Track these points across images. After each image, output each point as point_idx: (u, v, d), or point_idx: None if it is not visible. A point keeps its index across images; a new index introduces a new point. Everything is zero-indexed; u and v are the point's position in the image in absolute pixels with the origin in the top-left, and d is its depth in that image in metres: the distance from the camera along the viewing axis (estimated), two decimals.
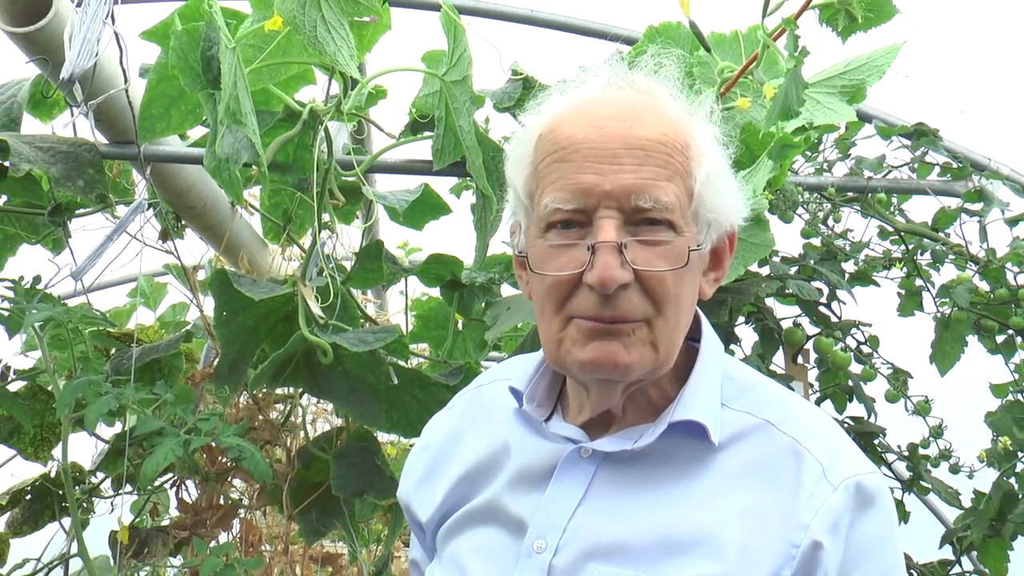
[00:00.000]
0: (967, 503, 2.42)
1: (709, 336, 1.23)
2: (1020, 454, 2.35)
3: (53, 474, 2.51)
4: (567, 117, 1.15)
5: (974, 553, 2.41)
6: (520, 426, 1.24)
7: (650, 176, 1.09)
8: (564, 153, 1.11)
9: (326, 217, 2.11)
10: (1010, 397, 2.41)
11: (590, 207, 1.09)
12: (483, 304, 2.53)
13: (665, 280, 1.09)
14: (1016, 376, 2.42)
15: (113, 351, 2.44)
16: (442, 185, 2.47)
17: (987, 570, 2.41)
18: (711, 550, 1.08)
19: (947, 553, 2.44)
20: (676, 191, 1.10)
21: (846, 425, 2.33)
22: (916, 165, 2.38)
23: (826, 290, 2.32)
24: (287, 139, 2.03)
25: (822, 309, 2.33)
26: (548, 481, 1.18)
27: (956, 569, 2.41)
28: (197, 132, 2.27)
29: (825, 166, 2.39)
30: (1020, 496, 2.30)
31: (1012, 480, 2.34)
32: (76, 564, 2.45)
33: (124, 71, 1.94)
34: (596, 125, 1.11)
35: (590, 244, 1.08)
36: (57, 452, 2.40)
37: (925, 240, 2.40)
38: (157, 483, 2.62)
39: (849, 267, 2.36)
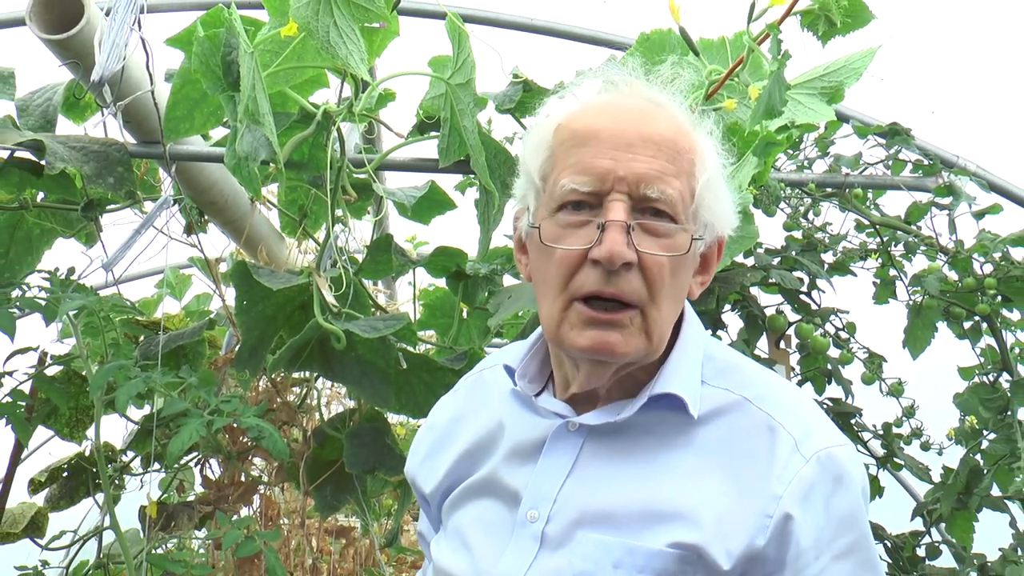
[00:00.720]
0: (937, 478, 2.42)
1: (691, 319, 1.22)
2: (985, 432, 2.35)
3: (87, 453, 2.52)
4: (587, 109, 1.16)
5: (943, 524, 2.40)
6: (515, 404, 1.24)
7: (660, 169, 1.09)
8: (583, 139, 1.12)
9: (339, 212, 2.09)
10: (976, 379, 2.41)
11: (604, 190, 1.09)
12: (486, 294, 2.53)
13: (664, 267, 1.09)
14: (982, 360, 2.42)
15: (142, 338, 2.44)
16: (447, 182, 2.46)
17: (954, 540, 2.41)
18: (690, 519, 1.08)
19: (918, 525, 2.44)
20: (681, 187, 1.10)
21: (825, 406, 2.33)
22: (890, 162, 2.38)
23: (807, 279, 2.32)
24: (302, 139, 2.03)
25: (803, 297, 2.33)
26: (539, 455, 1.18)
27: (926, 539, 2.41)
28: (218, 132, 2.26)
29: (806, 163, 2.38)
30: (985, 471, 2.30)
31: (978, 456, 2.34)
32: (109, 536, 2.46)
33: (150, 75, 1.93)
34: (614, 117, 1.12)
35: (600, 223, 1.08)
36: (91, 433, 2.41)
37: (898, 232, 2.40)
38: (183, 461, 2.63)
39: (828, 258, 2.36)
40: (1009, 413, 2.30)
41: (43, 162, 2.00)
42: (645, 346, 1.11)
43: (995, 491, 2.33)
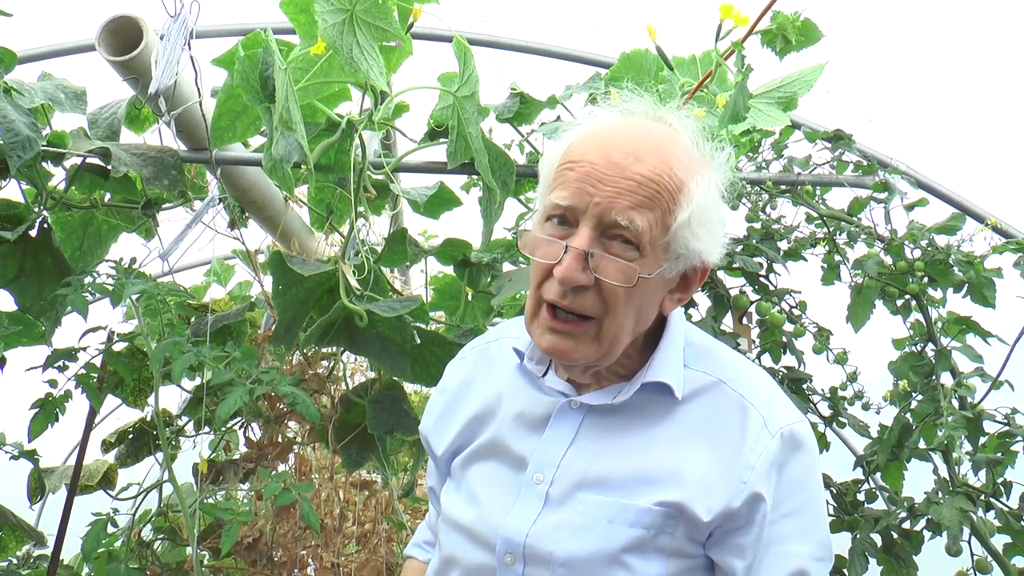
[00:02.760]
0: (874, 434, 2.39)
1: (674, 313, 1.19)
2: (914, 394, 2.32)
3: (149, 418, 2.51)
4: (591, 136, 1.11)
5: (879, 473, 2.39)
6: (521, 379, 1.23)
7: (633, 203, 1.04)
8: (574, 165, 1.08)
9: (361, 209, 2.06)
10: (907, 349, 2.38)
11: (579, 210, 1.06)
12: (489, 279, 2.49)
13: (617, 291, 1.06)
14: (912, 332, 2.39)
15: (193, 319, 2.42)
16: (455, 183, 2.43)
17: (888, 486, 2.39)
18: (676, 482, 1.09)
19: (858, 474, 2.42)
20: (652, 221, 1.05)
21: (780, 374, 2.30)
22: (835, 163, 2.36)
23: (765, 264, 2.30)
24: (329, 144, 1.98)
25: (762, 279, 2.31)
26: (544, 426, 1.17)
27: (865, 486, 2.39)
28: (257, 141, 2.22)
29: (764, 164, 2.36)
30: (914, 427, 2.28)
31: (908, 415, 2.31)
32: (168, 489, 2.44)
33: (198, 89, 1.90)
34: (606, 153, 1.06)
35: (566, 245, 1.06)
36: (151, 400, 2.39)
37: (842, 223, 2.37)
38: (229, 425, 2.60)
39: (783, 245, 2.33)
40: (934, 377, 2.28)
41: (109, 167, 1.98)
42: (596, 351, 1.09)
43: (922, 444, 2.30)
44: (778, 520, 1.08)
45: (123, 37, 1.84)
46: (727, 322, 2.24)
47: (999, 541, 2.21)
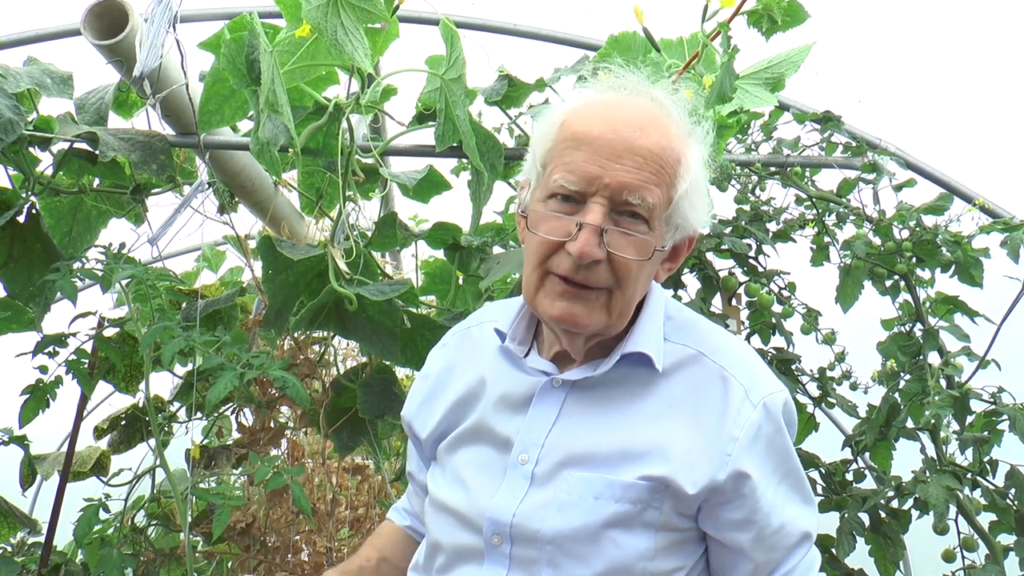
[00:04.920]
0: (863, 414, 2.40)
1: (655, 286, 1.21)
2: (903, 374, 2.33)
3: (141, 404, 2.50)
4: (589, 112, 1.11)
5: (867, 453, 2.40)
6: (503, 361, 1.23)
7: (643, 179, 1.06)
8: (579, 142, 1.08)
9: (350, 193, 2.05)
10: (895, 329, 2.39)
11: (588, 192, 1.07)
12: (478, 263, 2.49)
13: (631, 264, 1.08)
14: (900, 312, 2.40)
15: (184, 304, 2.42)
16: (444, 167, 2.42)
17: (876, 465, 2.41)
18: (660, 456, 1.09)
19: (847, 454, 2.43)
20: (659, 196, 1.08)
21: (770, 355, 2.31)
22: (824, 145, 2.36)
23: (754, 246, 2.29)
24: (317, 128, 1.98)
25: (751, 261, 2.30)
26: (528, 407, 1.17)
27: (854, 466, 2.40)
28: (245, 125, 2.21)
29: (753, 146, 2.36)
30: (902, 407, 2.29)
31: (896, 395, 2.32)
32: (160, 474, 2.45)
33: (184, 72, 1.88)
34: (611, 127, 1.08)
35: (579, 222, 1.06)
36: (143, 387, 2.38)
37: (831, 204, 2.37)
38: (221, 411, 2.60)
39: (772, 227, 2.33)
40: (921, 357, 2.29)
41: (97, 152, 1.96)
42: (606, 320, 1.10)
43: (910, 423, 2.32)
44: (772, 488, 1.10)
45: (109, 20, 1.82)
46: (716, 303, 2.25)
47: (985, 519, 2.23)
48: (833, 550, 2.16)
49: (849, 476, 2.36)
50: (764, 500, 1.09)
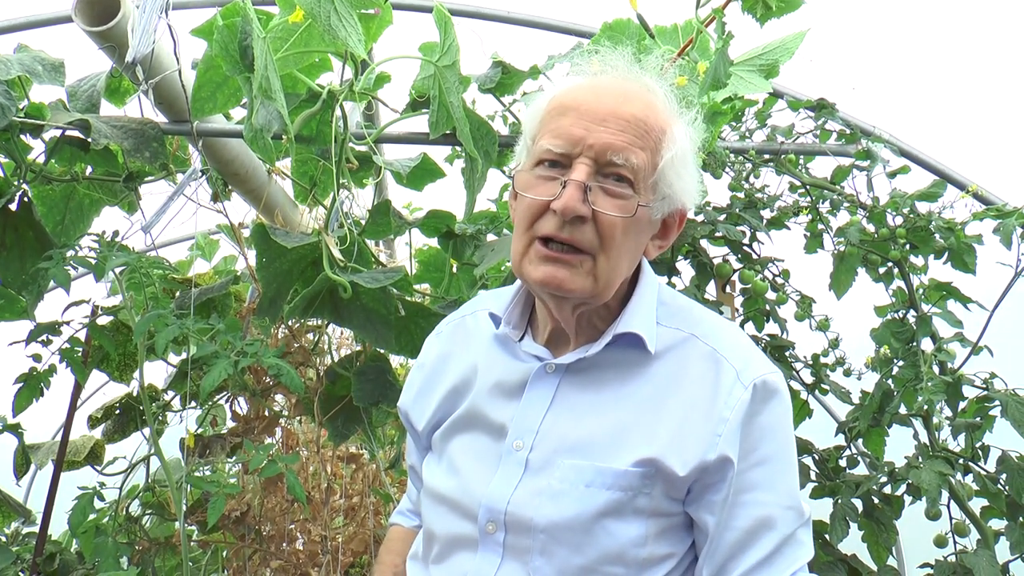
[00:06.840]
0: (856, 400, 2.41)
1: (646, 270, 1.22)
2: (896, 360, 2.34)
3: (135, 393, 2.50)
4: (576, 86, 1.16)
5: (860, 439, 2.41)
6: (497, 349, 1.24)
7: (627, 141, 1.09)
8: (565, 109, 1.12)
9: (344, 181, 2.05)
10: (889, 316, 2.40)
11: (574, 154, 1.09)
12: (472, 250, 2.49)
13: (615, 224, 1.09)
14: (893, 299, 2.41)
15: (177, 292, 2.41)
16: (438, 155, 2.42)
17: (869, 451, 2.42)
18: (652, 438, 1.09)
19: (840, 440, 2.44)
20: (644, 159, 1.09)
21: (764, 341, 2.32)
22: (818, 132, 2.36)
23: (749, 233, 2.30)
24: (310, 115, 1.97)
25: (745, 248, 2.31)
26: (522, 393, 1.18)
27: (847, 452, 2.41)
28: (239, 113, 2.21)
29: (747, 134, 2.36)
30: (895, 393, 2.30)
31: (889, 381, 2.33)
32: (155, 463, 2.46)
33: (177, 58, 1.87)
34: (596, 94, 1.12)
35: (563, 180, 1.09)
36: (137, 375, 2.38)
37: (825, 192, 2.38)
38: (215, 399, 2.60)
39: (766, 214, 2.33)
40: (915, 343, 2.30)
41: (90, 139, 1.96)
42: (592, 287, 1.11)
43: (903, 409, 2.33)
44: (747, 469, 1.09)
45: (100, 7, 1.82)
46: (710, 291, 2.25)
47: (977, 504, 2.25)
48: (827, 535, 2.18)
49: (842, 462, 2.37)
50: (736, 480, 1.08)
